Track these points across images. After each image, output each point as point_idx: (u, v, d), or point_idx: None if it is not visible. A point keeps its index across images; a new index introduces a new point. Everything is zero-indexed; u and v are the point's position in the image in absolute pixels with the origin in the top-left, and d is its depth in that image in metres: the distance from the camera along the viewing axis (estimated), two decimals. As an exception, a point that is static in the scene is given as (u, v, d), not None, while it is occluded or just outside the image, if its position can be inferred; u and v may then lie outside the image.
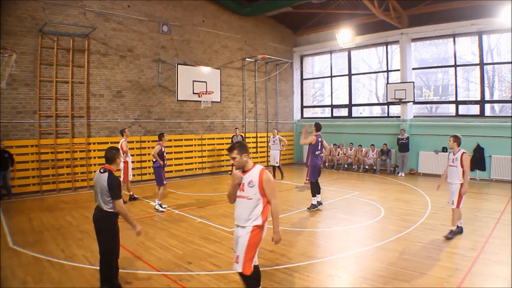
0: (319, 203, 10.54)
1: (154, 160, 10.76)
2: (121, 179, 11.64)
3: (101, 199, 5.09)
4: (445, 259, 6.47)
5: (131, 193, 11.99)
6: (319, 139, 10.51)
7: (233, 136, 17.47)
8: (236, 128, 17.43)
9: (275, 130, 16.70)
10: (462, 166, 7.63)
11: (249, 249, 4.41)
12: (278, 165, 16.01)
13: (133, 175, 12.70)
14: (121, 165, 11.57)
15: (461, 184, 7.66)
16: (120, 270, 6.03)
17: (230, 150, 4.49)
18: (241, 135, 17.62)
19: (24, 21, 12.54)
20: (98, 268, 5.35)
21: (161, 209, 10.50)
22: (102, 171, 5.14)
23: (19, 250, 7.13)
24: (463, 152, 7.69)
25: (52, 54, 13.12)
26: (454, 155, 7.86)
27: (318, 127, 10.68)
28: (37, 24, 12.72)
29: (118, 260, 5.41)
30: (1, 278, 5.79)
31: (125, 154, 11.50)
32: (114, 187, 5.05)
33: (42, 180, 13.00)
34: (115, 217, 5.20)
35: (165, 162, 10.86)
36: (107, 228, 5.15)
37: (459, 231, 7.90)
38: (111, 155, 5.25)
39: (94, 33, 14.03)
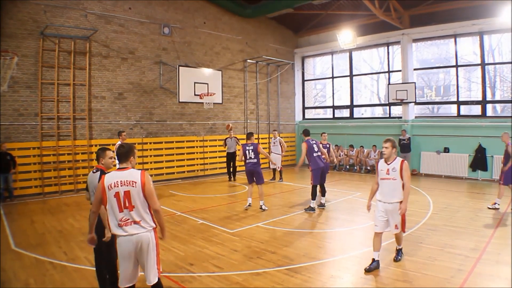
0: (322, 205, 10.62)
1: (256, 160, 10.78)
2: None
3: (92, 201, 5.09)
4: (447, 259, 6.45)
5: None
6: (311, 142, 10.68)
7: (226, 138, 16.33)
8: (230, 130, 16.46)
9: (275, 131, 16.44)
10: (402, 178, 6.07)
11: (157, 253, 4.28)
12: (279, 169, 15.88)
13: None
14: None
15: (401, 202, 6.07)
16: (122, 272, 6.05)
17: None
18: (235, 137, 16.40)
19: (25, 23, 12.58)
20: (95, 269, 5.35)
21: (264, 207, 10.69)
22: (94, 171, 5.14)
23: (21, 252, 7.15)
24: (403, 160, 6.16)
25: (53, 56, 13.15)
26: (389, 164, 6.18)
27: (306, 133, 10.99)
28: (38, 26, 12.76)
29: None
30: (4, 280, 5.80)
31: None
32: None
33: (44, 182, 13.03)
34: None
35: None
36: (103, 227, 5.14)
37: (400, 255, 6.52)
38: (97, 154, 5.27)
39: (96, 36, 14.05)
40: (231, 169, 16.35)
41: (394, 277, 5.78)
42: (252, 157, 10.74)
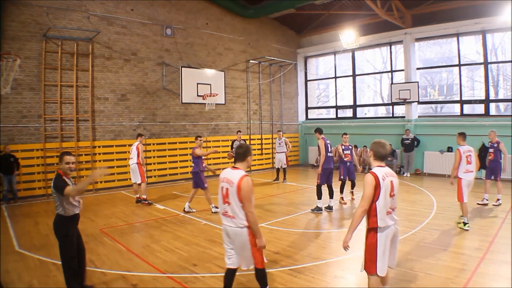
0: (330, 208, 10.54)
1: (194, 164, 10.74)
2: (139, 182, 11.76)
3: (55, 205, 5.15)
4: (451, 259, 6.44)
5: (137, 195, 12.02)
6: (327, 141, 10.50)
7: (234, 141, 15.79)
8: (239, 131, 16.13)
9: (280, 132, 16.65)
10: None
11: None
12: (285, 167, 15.91)
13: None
14: (136, 167, 11.69)
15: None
16: (125, 273, 6.08)
17: None
18: (244, 140, 15.96)
19: (28, 26, 12.62)
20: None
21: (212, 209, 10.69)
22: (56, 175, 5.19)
23: (25, 253, 7.17)
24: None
25: (56, 58, 13.19)
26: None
27: (320, 131, 10.74)
28: (41, 29, 12.80)
29: (82, 263, 5.43)
30: (8, 281, 5.82)
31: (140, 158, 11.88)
32: (57, 186, 5.01)
33: (47, 183, 13.01)
34: (63, 219, 5.12)
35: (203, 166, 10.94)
36: (57, 230, 5.13)
37: None
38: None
39: (98, 37, 14.09)
40: None
41: (398, 277, 5.76)
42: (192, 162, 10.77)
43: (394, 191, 4.46)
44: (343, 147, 11.66)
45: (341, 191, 11.64)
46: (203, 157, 10.92)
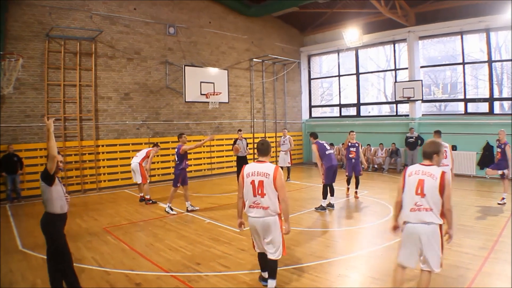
0: (331, 205, 10.50)
1: (178, 162, 10.62)
2: (140, 182, 11.78)
3: (43, 202, 5.19)
4: (455, 258, 6.39)
5: (141, 194, 12.02)
6: (321, 142, 10.45)
7: (236, 140, 14.56)
8: (239, 130, 15.07)
9: (285, 130, 16.55)
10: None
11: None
12: (289, 165, 15.83)
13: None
14: (137, 166, 11.71)
15: None
16: (129, 271, 6.08)
17: None
18: (246, 139, 14.78)
19: (31, 26, 12.63)
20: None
21: (171, 212, 10.50)
22: None
23: (28, 253, 7.18)
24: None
25: (59, 58, 13.20)
26: None
27: (314, 136, 10.67)
28: (44, 28, 12.82)
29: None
30: (11, 281, 5.84)
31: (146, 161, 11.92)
32: (45, 177, 5.12)
33: (51, 183, 13.04)
34: (55, 217, 5.20)
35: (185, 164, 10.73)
36: (49, 229, 5.20)
37: None
38: None
39: (101, 36, 14.10)
40: None
41: (401, 276, 5.73)
42: (176, 160, 10.68)
43: (425, 190, 4.43)
44: (349, 143, 11.68)
45: (348, 183, 11.95)
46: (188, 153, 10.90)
